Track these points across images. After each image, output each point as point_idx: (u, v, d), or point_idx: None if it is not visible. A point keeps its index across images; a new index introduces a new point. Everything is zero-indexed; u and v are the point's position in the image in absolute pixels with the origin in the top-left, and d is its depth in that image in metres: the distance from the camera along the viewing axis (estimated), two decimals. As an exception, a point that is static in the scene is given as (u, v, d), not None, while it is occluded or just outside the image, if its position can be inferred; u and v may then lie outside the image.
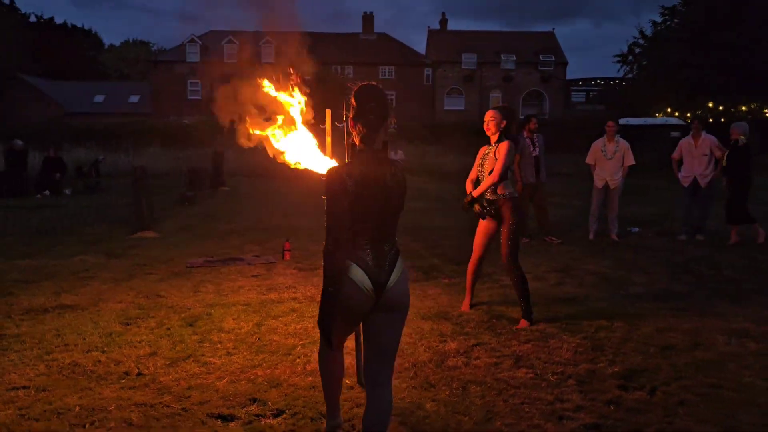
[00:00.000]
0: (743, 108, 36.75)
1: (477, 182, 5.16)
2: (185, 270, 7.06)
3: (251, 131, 3.98)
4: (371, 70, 46.76)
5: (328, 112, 4.96)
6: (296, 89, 4.39)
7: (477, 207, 5.05)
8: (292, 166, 4.16)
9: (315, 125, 4.99)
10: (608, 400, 3.53)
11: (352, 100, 2.64)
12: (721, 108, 36.31)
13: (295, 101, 4.37)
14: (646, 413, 3.37)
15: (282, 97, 4.36)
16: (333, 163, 4.48)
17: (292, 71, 4.49)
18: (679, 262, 7.33)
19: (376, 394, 2.71)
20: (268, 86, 4.23)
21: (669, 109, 38.05)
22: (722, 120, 31.87)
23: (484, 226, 5.21)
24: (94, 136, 29.51)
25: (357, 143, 2.66)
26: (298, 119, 4.41)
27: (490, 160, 5.00)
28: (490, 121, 5.03)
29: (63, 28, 67.76)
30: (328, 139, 4.95)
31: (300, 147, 4.36)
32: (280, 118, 4.37)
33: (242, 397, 3.58)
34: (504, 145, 4.93)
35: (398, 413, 3.39)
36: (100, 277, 6.68)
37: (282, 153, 3.96)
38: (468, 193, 5.12)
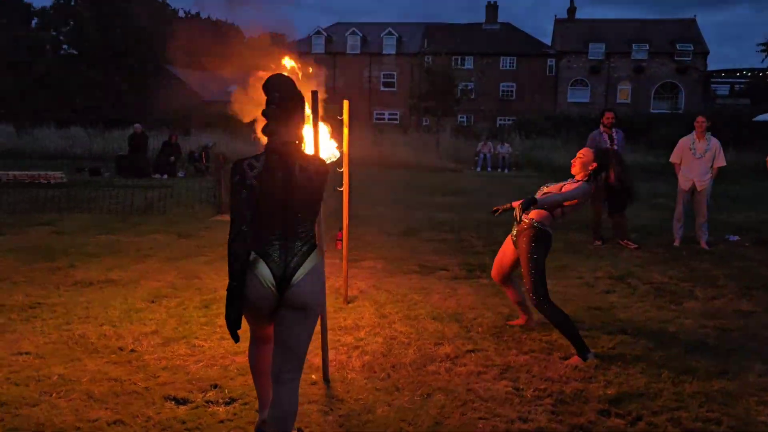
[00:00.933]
0: None
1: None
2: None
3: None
4: (491, 61, 45.80)
5: (345, 103, 4.90)
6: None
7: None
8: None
9: (333, 117, 4.95)
10: (577, 425, 3.19)
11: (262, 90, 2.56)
12: None
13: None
14: (614, 444, 3.00)
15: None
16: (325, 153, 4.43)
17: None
18: (763, 276, 6.48)
19: (278, 393, 2.63)
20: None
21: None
22: None
23: (501, 251, 4.65)
24: (227, 124, 31.35)
25: (260, 134, 2.57)
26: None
27: (554, 188, 4.27)
28: (577, 159, 4.29)
29: (208, 22, 72.91)
30: (345, 131, 4.90)
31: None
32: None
33: (206, 381, 3.64)
34: (580, 184, 4.18)
35: (345, 413, 3.29)
36: (158, 255, 7.09)
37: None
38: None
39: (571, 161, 4.34)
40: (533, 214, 4.19)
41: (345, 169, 5.08)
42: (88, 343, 4.25)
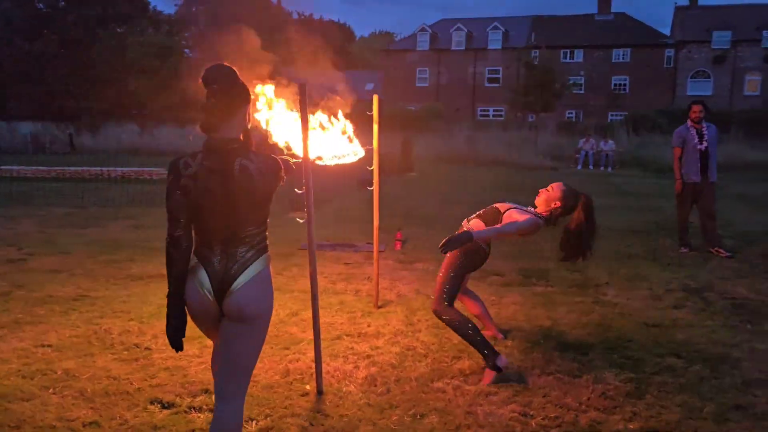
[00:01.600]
0: None
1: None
2: (296, 251, 7.25)
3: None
4: (603, 53, 43.47)
5: (375, 98, 4.66)
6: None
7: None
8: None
9: (362, 113, 4.73)
10: (578, 464, 2.76)
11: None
12: None
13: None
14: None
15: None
16: (352, 151, 4.21)
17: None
18: None
19: (219, 410, 2.44)
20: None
21: None
22: None
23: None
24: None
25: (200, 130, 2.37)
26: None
27: (507, 217, 3.81)
28: (545, 191, 3.93)
29: (320, 23, 75.22)
30: (375, 127, 4.66)
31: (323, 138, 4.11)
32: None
33: (200, 386, 3.54)
34: (530, 217, 3.74)
35: (327, 429, 3.06)
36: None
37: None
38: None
39: (539, 190, 3.98)
40: (474, 227, 3.91)
41: (375, 168, 4.85)
42: (108, 339, 4.31)
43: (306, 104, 3.19)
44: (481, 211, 4.04)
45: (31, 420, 3.12)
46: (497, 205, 3.99)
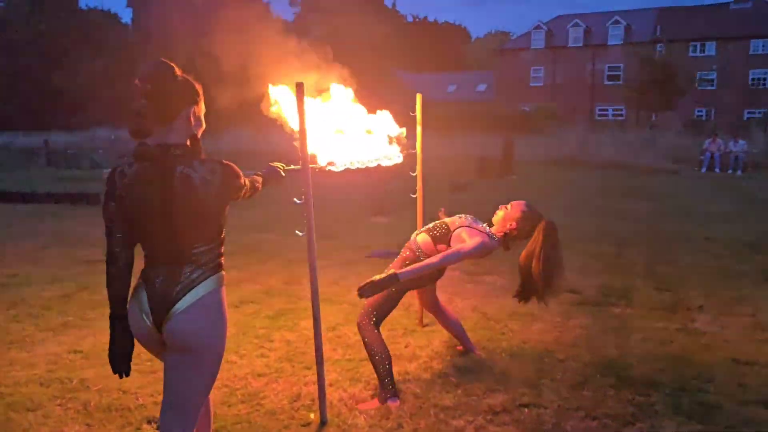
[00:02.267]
0: None
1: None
2: (361, 259, 6.99)
3: None
4: (739, 45, 39.67)
5: (418, 97, 4.29)
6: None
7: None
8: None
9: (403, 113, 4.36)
10: None
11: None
12: None
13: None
14: None
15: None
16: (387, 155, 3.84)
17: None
18: None
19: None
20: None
21: None
22: None
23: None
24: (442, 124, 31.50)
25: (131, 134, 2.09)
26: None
27: (455, 238, 3.44)
28: (503, 208, 3.59)
29: (434, 26, 75.20)
30: (418, 129, 4.28)
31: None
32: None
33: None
34: (482, 242, 3.37)
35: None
36: (286, 256, 7.06)
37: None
38: None
39: (499, 206, 3.61)
40: (422, 244, 3.55)
41: (419, 173, 4.45)
42: (137, 348, 4.22)
43: (303, 104, 2.87)
44: (431, 225, 3.63)
45: (24, 433, 3.05)
46: (448, 221, 3.57)
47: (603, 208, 10.95)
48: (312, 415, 3.20)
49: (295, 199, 2.96)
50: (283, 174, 2.77)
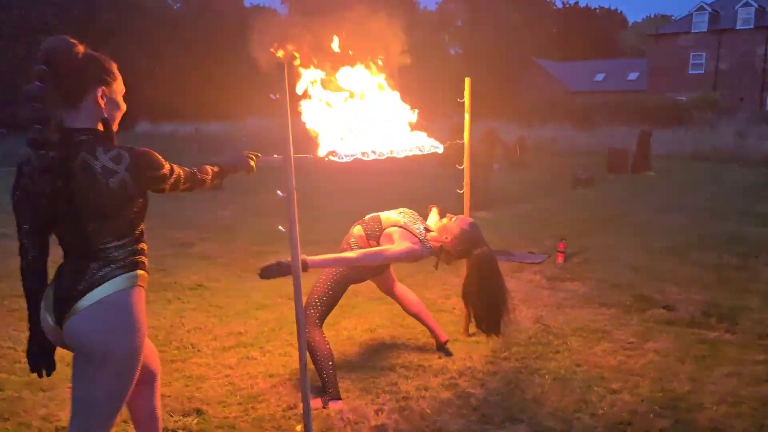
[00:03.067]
0: None
1: None
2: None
3: None
4: None
5: (467, 81, 3.87)
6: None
7: None
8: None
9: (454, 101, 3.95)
10: None
11: None
12: None
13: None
14: None
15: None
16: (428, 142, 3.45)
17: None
18: None
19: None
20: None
21: None
22: None
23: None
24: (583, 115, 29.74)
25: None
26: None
27: (385, 237, 3.21)
28: (449, 217, 3.29)
29: (586, 11, 71.32)
30: (466, 117, 3.87)
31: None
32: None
33: (199, 403, 3.21)
34: (413, 248, 3.11)
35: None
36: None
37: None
38: None
39: (447, 214, 3.35)
40: (356, 235, 3.34)
41: (466, 167, 3.99)
42: (173, 334, 4.24)
43: (286, 89, 2.59)
44: (367, 218, 3.38)
45: (19, 415, 3.10)
46: (382, 216, 3.32)
47: (744, 211, 9.55)
48: (299, 427, 2.94)
49: (278, 192, 2.70)
50: (253, 164, 2.51)
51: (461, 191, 4.02)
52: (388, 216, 3.31)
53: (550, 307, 4.84)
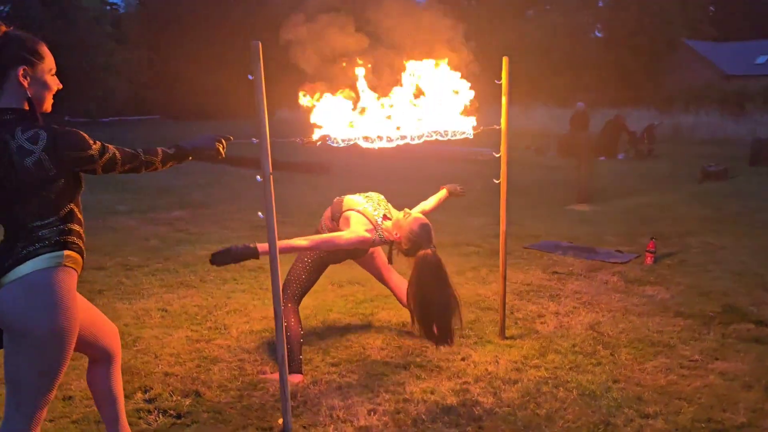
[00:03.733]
0: None
1: None
2: (519, 250, 6.21)
3: None
4: None
5: (504, 60, 3.55)
6: None
7: None
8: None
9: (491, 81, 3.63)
10: None
11: None
12: None
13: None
14: None
15: None
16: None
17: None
18: None
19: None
20: None
21: None
22: None
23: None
24: (750, 100, 26.85)
25: None
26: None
27: (343, 220, 3.26)
28: (404, 212, 3.21)
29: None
30: (504, 100, 3.57)
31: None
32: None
33: (201, 385, 3.22)
34: (354, 237, 3.10)
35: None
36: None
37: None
38: None
39: (404, 209, 3.27)
40: (325, 220, 3.44)
41: (503, 155, 3.65)
42: (213, 314, 4.31)
43: (260, 69, 2.46)
44: (335, 200, 3.40)
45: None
46: (345, 199, 3.33)
47: None
48: (280, 421, 2.84)
49: (258, 177, 2.60)
50: (221, 148, 2.41)
51: (498, 181, 3.69)
52: (351, 199, 3.32)
53: (614, 313, 4.35)
